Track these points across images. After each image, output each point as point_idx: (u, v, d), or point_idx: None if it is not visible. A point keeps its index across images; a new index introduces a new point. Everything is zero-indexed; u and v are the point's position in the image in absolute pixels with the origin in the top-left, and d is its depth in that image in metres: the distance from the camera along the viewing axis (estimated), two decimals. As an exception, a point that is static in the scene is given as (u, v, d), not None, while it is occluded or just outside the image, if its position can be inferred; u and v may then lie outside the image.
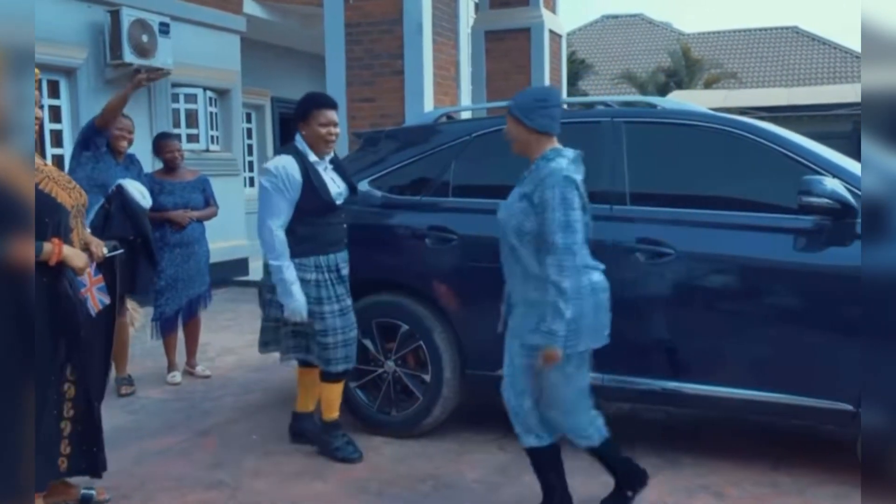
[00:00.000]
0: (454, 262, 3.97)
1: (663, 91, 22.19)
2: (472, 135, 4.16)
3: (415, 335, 4.00)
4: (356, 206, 4.23)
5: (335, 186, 3.73)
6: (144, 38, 7.33)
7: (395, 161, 4.30)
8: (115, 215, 4.56)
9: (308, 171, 3.61)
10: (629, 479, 3.15)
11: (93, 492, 3.28)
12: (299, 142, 3.70)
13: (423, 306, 4.00)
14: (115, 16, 7.19)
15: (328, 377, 3.76)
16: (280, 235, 3.55)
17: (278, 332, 3.77)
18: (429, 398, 3.98)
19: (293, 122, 3.76)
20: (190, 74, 8.45)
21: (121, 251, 3.35)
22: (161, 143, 5.24)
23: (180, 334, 5.30)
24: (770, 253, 3.49)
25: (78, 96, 7.19)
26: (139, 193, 4.62)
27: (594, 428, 3.03)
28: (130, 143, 4.87)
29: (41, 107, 2.93)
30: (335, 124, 3.68)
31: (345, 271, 3.76)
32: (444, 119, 4.55)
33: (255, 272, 9.13)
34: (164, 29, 7.55)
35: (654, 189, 3.80)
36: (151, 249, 4.68)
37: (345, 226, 3.80)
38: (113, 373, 4.84)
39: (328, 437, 3.82)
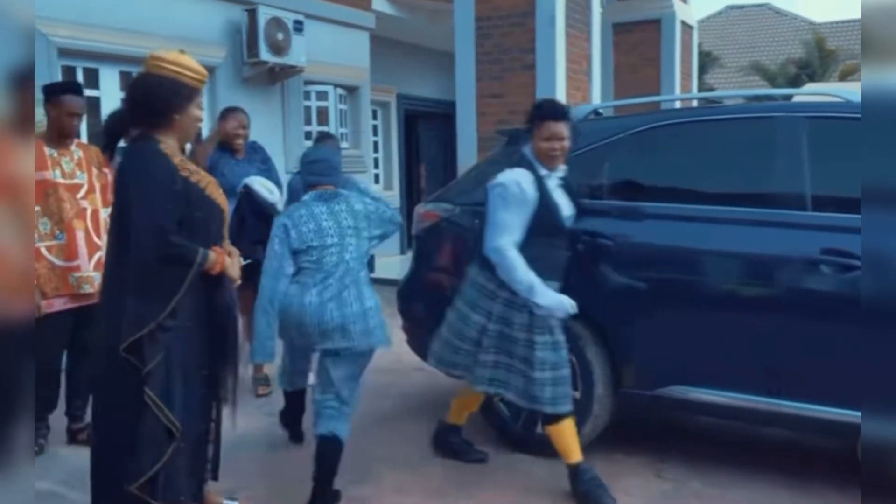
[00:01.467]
0: (609, 271, 3.69)
1: (794, 83, 21.04)
2: (629, 132, 3.86)
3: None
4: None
5: (566, 209, 3.46)
6: (280, 35, 7.36)
7: (541, 161, 4.05)
8: (248, 218, 4.51)
9: (542, 189, 3.36)
10: None
11: (237, 500, 3.22)
12: (528, 154, 3.44)
13: (574, 318, 3.72)
14: (252, 14, 7.24)
15: (545, 420, 3.44)
16: (511, 253, 3.27)
17: (473, 356, 3.44)
18: (578, 416, 3.70)
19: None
20: (321, 72, 8.47)
21: (248, 261, 3.28)
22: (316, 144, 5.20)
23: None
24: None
25: (217, 94, 7.29)
26: (266, 190, 4.55)
27: None
28: (246, 137, 4.81)
29: (202, 109, 2.84)
30: (560, 138, 3.36)
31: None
32: (592, 116, 4.27)
33: (381, 269, 9.09)
34: (299, 27, 7.57)
35: (841, 193, 3.38)
36: None
37: (567, 252, 3.52)
38: (250, 372, 4.83)
39: (575, 483, 3.40)
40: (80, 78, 6.39)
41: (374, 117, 10.92)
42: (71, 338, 3.90)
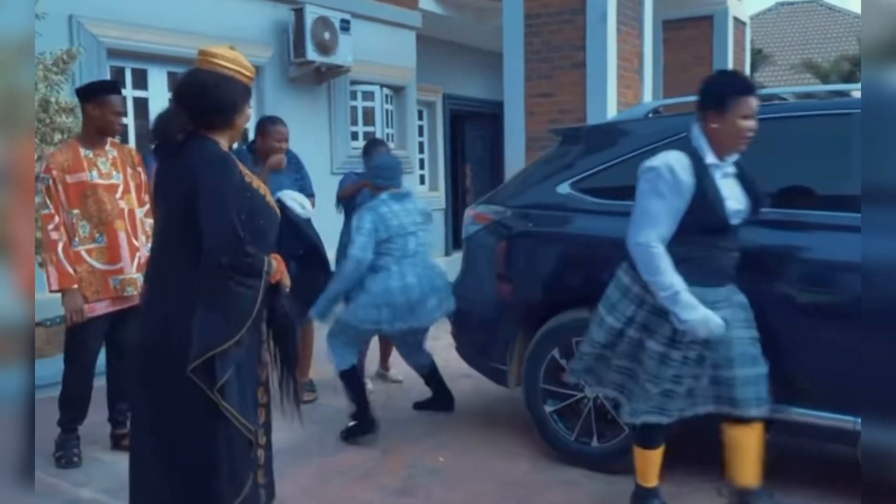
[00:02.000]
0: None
1: (848, 80, 20.44)
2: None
3: (621, 357, 3.57)
4: (556, 211, 3.89)
5: (734, 201, 2.92)
6: (326, 35, 7.30)
7: (600, 161, 3.87)
8: (283, 232, 4.41)
9: (702, 176, 2.86)
10: None
11: None
12: (697, 137, 2.92)
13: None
14: (299, 14, 7.20)
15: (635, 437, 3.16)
16: (657, 250, 2.82)
17: (602, 361, 3.11)
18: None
19: (700, 110, 2.94)
20: (368, 72, 8.40)
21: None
22: (368, 147, 5.12)
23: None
24: None
25: (264, 94, 7.26)
26: (298, 205, 4.45)
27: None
28: (284, 151, 4.60)
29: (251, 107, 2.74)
30: (756, 115, 2.89)
31: (722, 312, 2.89)
32: (651, 115, 4.09)
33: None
34: (345, 26, 7.50)
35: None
36: (323, 257, 4.53)
37: (736, 254, 2.98)
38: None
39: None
40: (128, 78, 6.40)
41: (420, 117, 10.82)
42: (106, 340, 3.85)
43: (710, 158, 2.89)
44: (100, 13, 5.90)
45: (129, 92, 6.37)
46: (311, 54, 7.20)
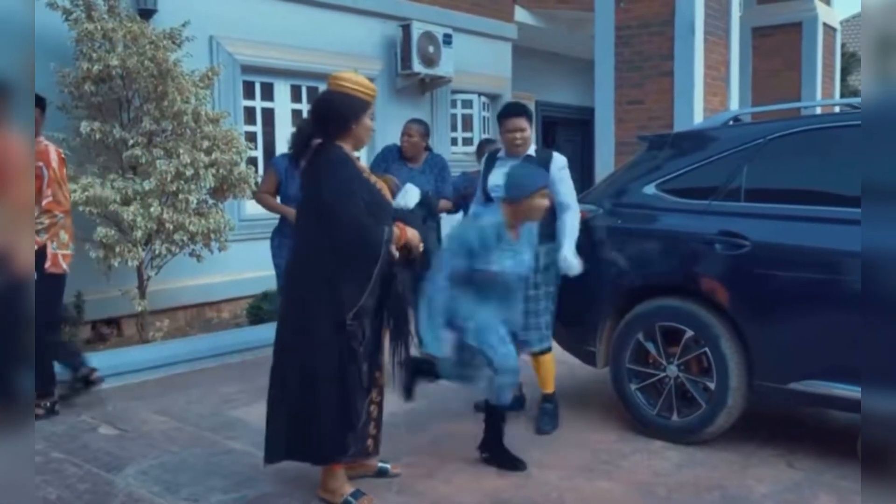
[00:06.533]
0: (745, 269, 3.88)
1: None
2: (767, 138, 4.04)
3: (699, 341, 3.95)
4: (642, 209, 4.31)
5: None
6: (430, 48, 7.87)
7: (682, 165, 4.28)
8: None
9: None
10: None
11: (388, 465, 3.65)
12: None
13: (710, 313, 3.95)
14: (406, 29, 7.78)
15: None
16: None
17: None
18: (712, 406, 3.93)
19: None
20: (467, 81, 8.93)
21: None
22: (481, 146, 5.62)
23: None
24: None
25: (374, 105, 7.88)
26: (402, 197, 4.91)
27: None
28: (414, 146, 5.11)
29: (373, 119, 3.33)
30: None
31: None
32: (731, 122, 4.47)
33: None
34: (448, 40, 8.05)
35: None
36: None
37: None
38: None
39: None
40: (257, 92, 7.10)
41: (515, 124, 11.26)
42: None
43: None
44: (235, 33, 6.62)
45: (258, 103, 7.09)
46: (417, 66, 7.78)
